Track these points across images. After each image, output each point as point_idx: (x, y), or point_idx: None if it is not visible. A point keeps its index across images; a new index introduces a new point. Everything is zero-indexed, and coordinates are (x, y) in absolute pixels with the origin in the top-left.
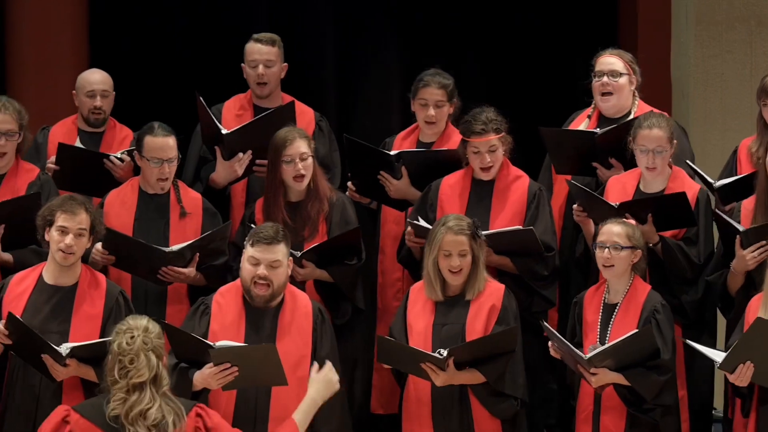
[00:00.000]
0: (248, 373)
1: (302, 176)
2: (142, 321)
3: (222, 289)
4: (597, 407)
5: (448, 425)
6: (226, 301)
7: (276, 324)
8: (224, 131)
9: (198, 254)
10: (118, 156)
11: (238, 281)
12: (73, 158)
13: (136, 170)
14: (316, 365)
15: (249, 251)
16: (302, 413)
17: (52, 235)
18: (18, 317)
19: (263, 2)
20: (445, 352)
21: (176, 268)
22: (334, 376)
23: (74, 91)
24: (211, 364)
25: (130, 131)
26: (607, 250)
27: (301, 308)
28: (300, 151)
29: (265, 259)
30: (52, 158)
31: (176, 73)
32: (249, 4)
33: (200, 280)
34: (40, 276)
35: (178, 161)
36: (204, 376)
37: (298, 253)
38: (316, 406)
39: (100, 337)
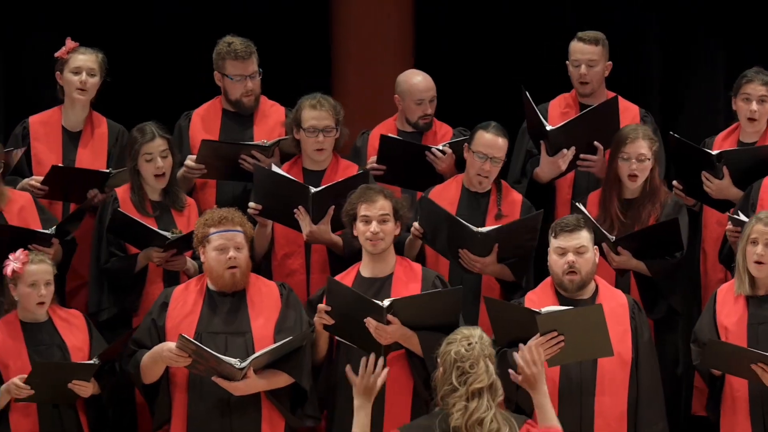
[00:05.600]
0: (574, 343)
1: (635, 176)
2: (476, 330)
3: (536, 289)
4: None
5: (766, 424)
6: (538, 297)
7: None
8: (549, 127)
9: (497, 245)
10: (440, 148)
11: (547, 279)
12: (396, 151)
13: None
14: None
15: (554, 243)
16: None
17: (359, 227)
18: (338, 281)
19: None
20: None
21: (474, 256)
22: None
23: (396, 95)
24: (537, 335)
25: (450, 128)
26: None
27: (616, 298)
28: (639, 152)
29: (571, 246)
30: (373, 158)
31: (500, 71)
32: (574, 1)
33: (502, 273)
34: (358, 272)
35: (502, 164)
36: (531, 347)
37: (613, 237)
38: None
39: None
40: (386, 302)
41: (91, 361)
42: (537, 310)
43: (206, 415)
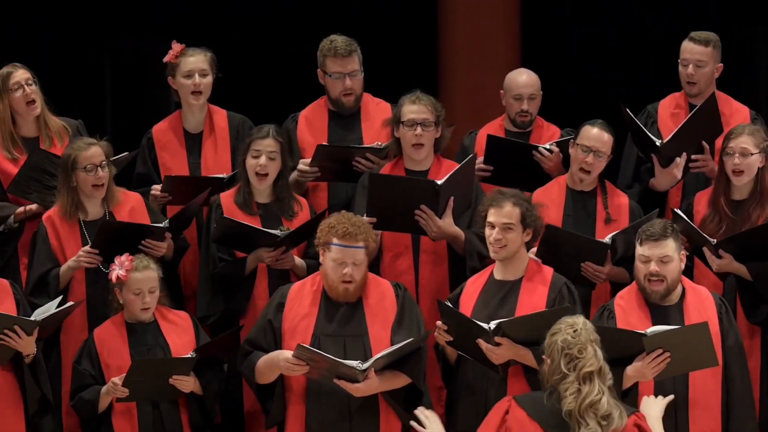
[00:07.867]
0: (680, 358)
1: (741, 172)
2: (579, 318)
3: (621, 292)
4: None
5: None
6: (626, 302)
7: (682, 318)
8: (658, 142)
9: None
10: (548, 147)
11: (634, 282)
12: (502, 151)
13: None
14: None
15: (639, 250)
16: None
17: (486, 231)
18: (448, 304)
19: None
20: None
21: (598, 267)
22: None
23: (502, 91)
24: (643, 354)
25: (558, 129)
26: None
27: (703, 300)
28: (742, 146)
29: (655, 255)
30: (480, 159)
31: (606, 71)
32: (688, 4)
33: (620, 275)
34: (491, 274)
35: (607, 161)
36: (637, 368)
37: (714, 240)
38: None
39: None
40: (492, 324)
41: (189, 355)
42: (643, 332)
43: (326, 420)
